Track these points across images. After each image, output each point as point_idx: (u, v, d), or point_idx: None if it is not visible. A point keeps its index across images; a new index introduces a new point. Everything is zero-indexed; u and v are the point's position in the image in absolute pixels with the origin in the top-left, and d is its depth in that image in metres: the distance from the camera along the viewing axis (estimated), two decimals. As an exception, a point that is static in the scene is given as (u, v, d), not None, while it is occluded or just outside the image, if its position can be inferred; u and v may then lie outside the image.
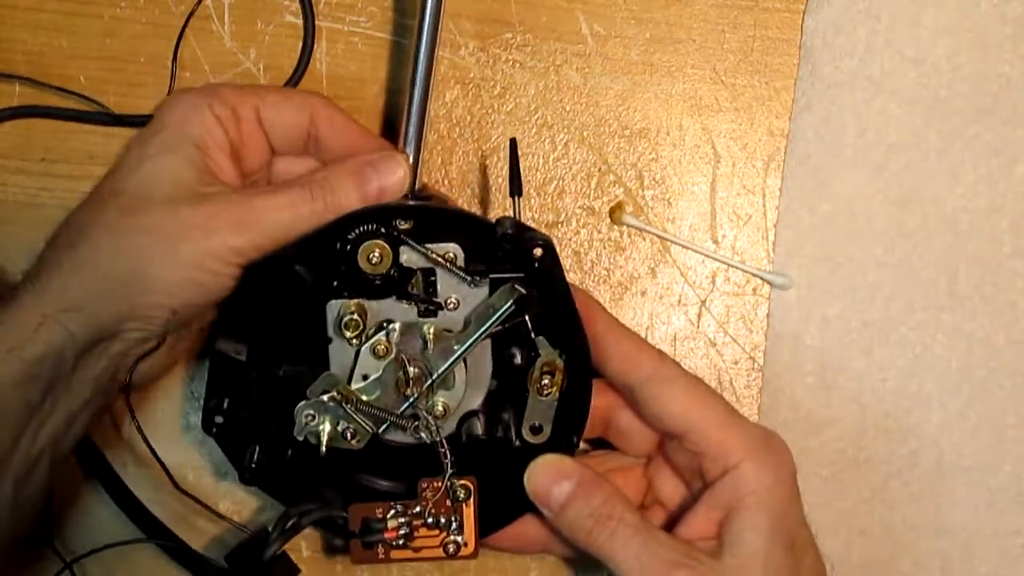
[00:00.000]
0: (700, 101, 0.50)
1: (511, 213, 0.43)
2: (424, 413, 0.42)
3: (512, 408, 0.43)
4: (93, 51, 0.48)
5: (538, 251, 0.40)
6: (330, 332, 0.41)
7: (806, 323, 0.49)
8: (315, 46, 0.49)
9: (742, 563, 0.40)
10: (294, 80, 0.48)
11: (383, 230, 0.40)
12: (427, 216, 0.41)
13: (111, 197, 0.40)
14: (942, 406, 0.49)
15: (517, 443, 0.43)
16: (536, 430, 0.43)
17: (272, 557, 0.40)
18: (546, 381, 0.42)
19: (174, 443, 0.48)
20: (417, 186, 0.43)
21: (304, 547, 0.48)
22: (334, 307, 0.41)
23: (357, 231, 0.40)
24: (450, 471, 0.42)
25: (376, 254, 0.40)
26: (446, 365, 0.41)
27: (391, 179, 0.41)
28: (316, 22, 0.48)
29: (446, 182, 0.49)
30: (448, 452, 0.42)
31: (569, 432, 0.43)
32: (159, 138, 0.41)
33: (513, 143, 0.44)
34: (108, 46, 0.48)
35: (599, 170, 0.50)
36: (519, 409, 0.42)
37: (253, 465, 0.42)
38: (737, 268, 0.50)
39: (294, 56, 0.48)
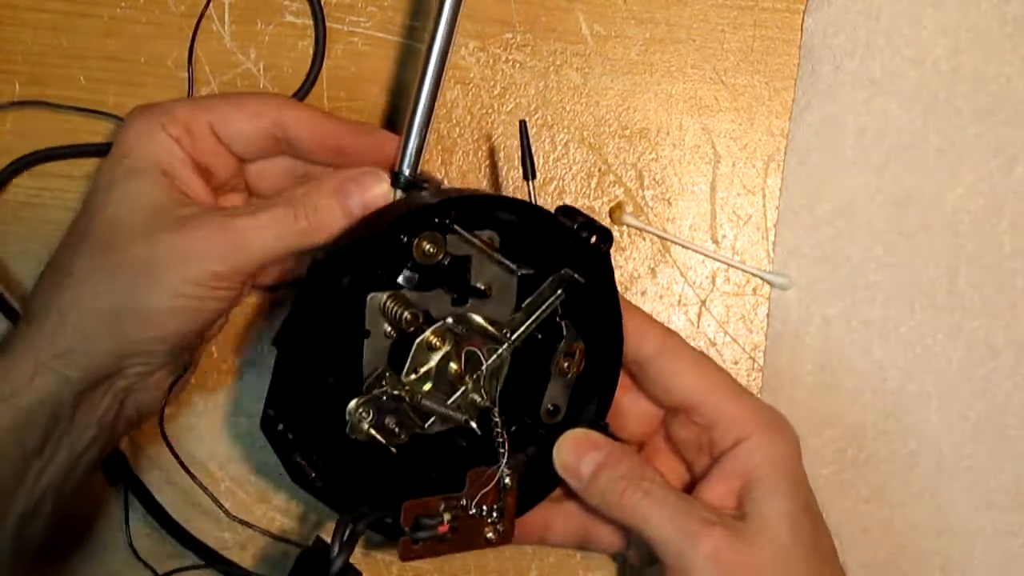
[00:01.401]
0: (700, 101, 0.50)
1: (528, 196, 0.43)
2: (486, 403, 0.41)
3: (530, 388, 0.43)
4: (93, 51, 0.48)
5: (595, 239, 0.41)
6: (368, 325, 0.40)
7: (806, 323, 0.49)
8: (314, 46, 0.48)
9: (768, 525, 0.40)
10: (305, 87, 0.48)
11: (436, 221, 0.39)
12: (486, 206, 0.40)
13: (89, 233, 0.39)
14: (942, 406, 0.49)
15: (533, 423, 0.43)
16: (552, 412, 0.43)
17: (341, 571, 0.38)
18: (567, 363, 0.42)
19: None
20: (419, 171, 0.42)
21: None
22: (379, 299, 0.39)
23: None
24: (505, 460, 0.41)
25: (430, 246, 0.39)
26: (502, 349, 0.41)
27: (373, 194, 0.40)
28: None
29: (446, 182, 0.49)
30: (506, 439, 0.41)
31: (593, 415, 0.43)
32: (123, 167, 0.40)
33: (523, 125, 0.43)
34: (108, 46, 0.48)
35: (599, 170, 0.50)
36: (536, 389, 0.43)
37: (313, 474, 0.41)
38: (737, 268, 0.50)
39: (294, 56, 0.48)
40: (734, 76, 0.50)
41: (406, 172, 0.41)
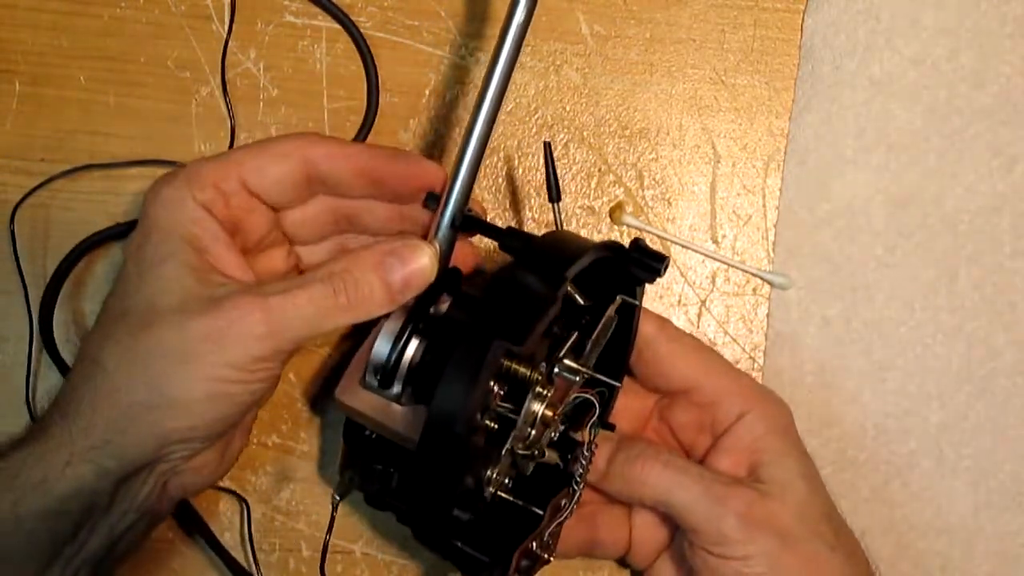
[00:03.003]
0: (700, 101, 0.50)
1: (553, 218, 0.43)
2: (587, 442, 0.41)
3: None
4: (93, 51, 0.48)
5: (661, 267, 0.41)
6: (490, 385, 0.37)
7: (806, 323, 0.49)
8: (314, 46, 0.49)
9: (787, 483, 0.41)
10: (368, 123, 0.48)
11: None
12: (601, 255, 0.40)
13: (119, 319, 0.37)
14: (942, 406, 0.49)
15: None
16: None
17: None
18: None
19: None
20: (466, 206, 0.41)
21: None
22: (501, 366, 0.37)
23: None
24: (581, 489, 0.41)
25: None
26: (576, 386, 0.41)
27: (415, 268, 0.38)
28: (316, 22, 0.49)
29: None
30: (587, 470, 0.41)
31: (601, 416, 0.43)
32: (151, 246, 0.38)
33: (548, 147, 0.43)
34: (108, 46, 0.48)
35: (599, 170, 0.50)
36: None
37: (486, 559, 0.39)
38: (737, 268, 0.50)
39: (294, 56, 0.48)
40: (734, 76, 0.50)
41: (452, 209, 0.40)
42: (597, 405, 0.41)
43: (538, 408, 0.38)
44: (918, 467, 0.49)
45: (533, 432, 0.39)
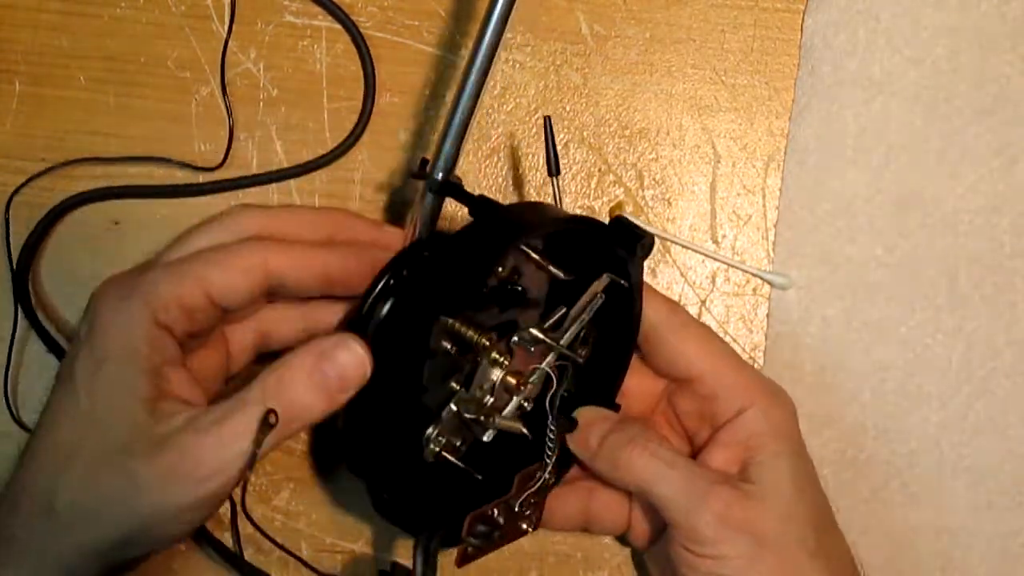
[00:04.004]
0: (700, 101, 0.50)
1: (553, 192, 0.43)
2: (551, 413, 0.41)
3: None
4: (93, 51, 0.48)
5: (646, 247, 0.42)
6: (433, 346, 0.38)
7: (806, 323, 0.49)
8: (314, 46, 0.49)
9: (774, 486, 0.41)
10: (362, 122, 0.48)
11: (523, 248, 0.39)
12: (560, 227, 0.40)
13: (71, 456, 0.37)
14: (942, 406, 0.49)
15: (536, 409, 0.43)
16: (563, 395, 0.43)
17: None
18: (578, 350, 0.43)
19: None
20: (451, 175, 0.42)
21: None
22: (443, 323, 0.38)
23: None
24: (552, 460, 0.42)
25: (504, 270, 0.39)
26: (547, 361, 0.41)
27: (348, 364, 0.37)
28: (316, 22, 0.49)
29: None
30: (557, 443, 0.42)
31: (602, 399, 0.44)
32: (104, 376, 0.37)
33: (548, 121, 0.43)
34: (108, 46, 0.48)
35: (599, 170, 0.50)
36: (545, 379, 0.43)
37: (426, 522, 0.40)
38: (737, 268, 0.50)
39: (294, 56, 0.48)
40: (734, 76, 0.50)
41: (439, 176, 0.41)
42: (555, 378, 0.41)
43: (495, 375, 0.39)
44: (918, 467, 0.49)
45: (491, 399, 0.40)
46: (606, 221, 0.42)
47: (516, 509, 0.42)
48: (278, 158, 0.48)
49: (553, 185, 0.43)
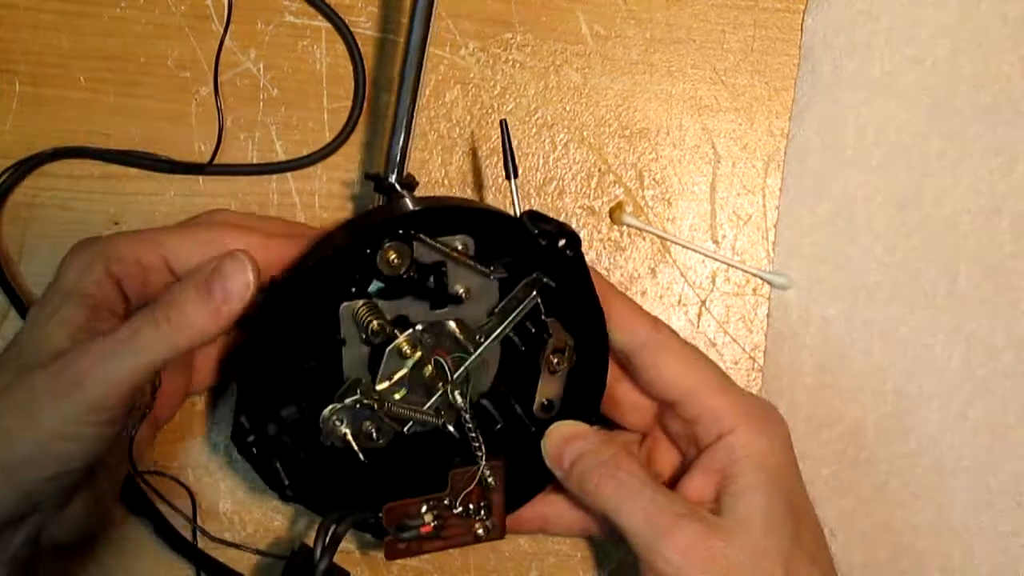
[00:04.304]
0: (700, 101, 0.50)
1: (511, 196, 0.43)
2: (461, 408, 0.41)
3: (522, 387, 0.43)
4: (93, 51, 0.48)
5: (563, 242, 0.41)
6: (343, 334, 0.40)
7: (806, 323, 0.49)
8: (314, 46, 0.49)
9: (744, 520, 0.40)
10: (351, 122, 0.48)
11: (400, 231, 0.40)
12: (449, 216, 0.41)
13: (1, 372, 0.38)
14: (942, 406, 0.49)
15: (528, 421, 0.43)
16: (547, 407, 0.43)
17: (326, 573, 0.39)
18: (557, 360, 0.42)
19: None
20: (404, 174, 0.43)
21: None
22: (347, 309, 0.40)
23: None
24: (483, 461, 0.42)
25: (394, 256, 0.39)
26: (471, 360, 0.41)
27: (235, 283, 0.38)
28: (316, 23, 0.49)
29: (446, 182, 0.49)
30: (481, 442, 0.42)
31: (585, 409, 0.44)
32: (46, 304, 0.39)
33: (504, 124, 0.43)
34: (108, 46, 0.48)
35: (599, 170, 0.50)
36: (529, 388, 0.43)
37: (287, 482, 0.41)
38: (737, 268, 0.50)
39: (294, 56, 0.48)
40: (734, 76, 0.50)
41: (391, 178, 0.42)
42: (448, 371, 0.41)
43: (399, 366, 0.40)
44: (918, 467, 0.49)
45: (403, 390, 0.41)
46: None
47: (460, 511, 0.42)
48: (278, 158, 0.48)
49: (512, 188, 0.42)
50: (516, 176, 0.42)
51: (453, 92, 0.49)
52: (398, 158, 0.42)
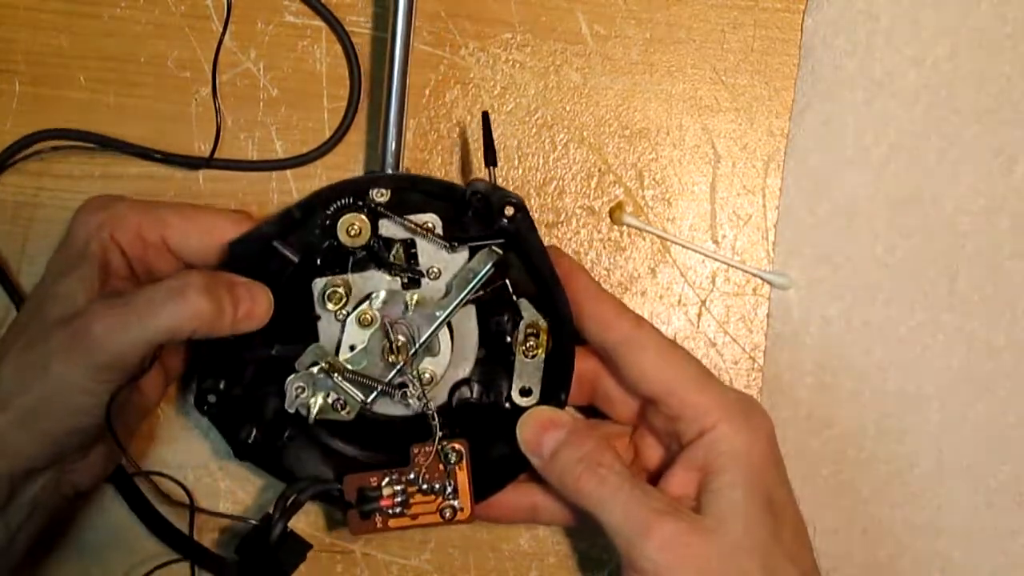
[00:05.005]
0: (700, 101, 0.50)
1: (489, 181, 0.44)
2: (411, 378, 0.43)
3: (502, 373, 0.44)
4: (93, 51, 0.48)
5: (509, 210, 0.42)
6: (317, 309, 0.43)
7: (806, 323, 0.49)
8: (314, 46, 0.49)
9: (722, 518, 0.40)
10: (346, 122, 0.48)
11: (360, 203, 0.41)
12: (400, 184, 0.42)
13: (21, 330, 0.40)
14: (942, 406, 0.49)
15: (508, 407, 0.44)
16: (525, 392, 0.44)
17: (280, 538, 0.41)
18: (531, 343, 0.43)
19: (172, 444, 0.49)
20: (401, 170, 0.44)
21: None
22: (320, 284, 0.42)
23: (335, 205, 0.42)
24: (439, 434, 0.42)
25: (355, 226, 0.41)
26: (430, 331, 0.43)
27: (259, 308, 0.41)
28: (316, 23, 0.49)
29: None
30: (436, 416, 0.42)
31: (556, 391, 0.44)
32: (63, 258, 0.42)
33: (485, 116, 0.44)
34: (108, 46, 0.48)
35: (599, 170, 0.50)
36: (508, 374, 0.44)
37: (249, 441, 0.43)
38: (737, 268, 0.50)
39: (294, 56, 0.48)
40: (734, 76, 0.50)
41: (388, 171, 0.43)
42: (391, 340, 0.42)
43: (358, 336, 0.42)
44: (918, 467, 0.49)
45: (363, 362, 0.42)
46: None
47: (426, 488, 0.43)
48: (278, 158, 0.48)
49: (490, 174, 0.43)
50: (494, 165, 0.43)
51: (453, 92, 0.49)
52: (392, 149, 0.43)
